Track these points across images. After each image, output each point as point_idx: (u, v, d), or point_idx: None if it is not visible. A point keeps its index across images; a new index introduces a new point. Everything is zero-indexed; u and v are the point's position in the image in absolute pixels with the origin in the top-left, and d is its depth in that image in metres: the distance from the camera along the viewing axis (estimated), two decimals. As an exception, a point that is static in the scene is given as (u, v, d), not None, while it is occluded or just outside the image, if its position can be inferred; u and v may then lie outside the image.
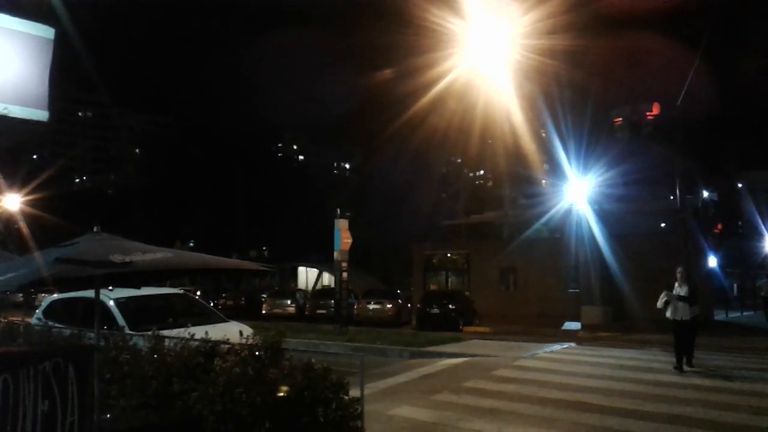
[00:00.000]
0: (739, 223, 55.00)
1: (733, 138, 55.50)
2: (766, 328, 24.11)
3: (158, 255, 5.20)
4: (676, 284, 11.93)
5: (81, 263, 4.86)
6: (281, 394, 5.54)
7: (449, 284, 33.87)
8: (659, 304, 11.95)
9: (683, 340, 11.76)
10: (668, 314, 11.94)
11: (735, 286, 37.90)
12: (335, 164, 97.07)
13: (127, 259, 4.98)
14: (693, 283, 12.08)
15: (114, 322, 9.68)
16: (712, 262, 28.73)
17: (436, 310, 24.09)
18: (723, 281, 32.32)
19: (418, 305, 25.35)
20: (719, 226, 42.06)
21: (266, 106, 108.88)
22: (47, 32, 4.15)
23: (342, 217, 22.19)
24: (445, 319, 23.38)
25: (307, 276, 42.31)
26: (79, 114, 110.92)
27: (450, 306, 24.31)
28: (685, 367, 11.59)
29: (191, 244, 53.04)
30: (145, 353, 6.81)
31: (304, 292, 34.73)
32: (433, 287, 33.18)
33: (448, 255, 35.22)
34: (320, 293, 31.90)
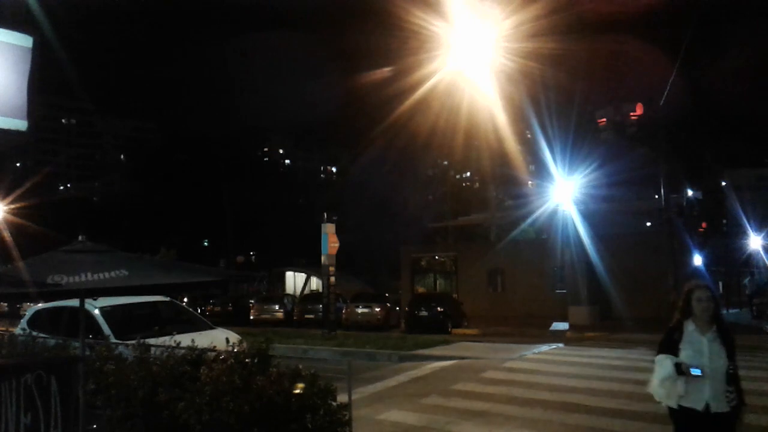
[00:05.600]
0: (724, 221, 55.52)
1: (717, 137, 56.03)
2: (752, 326, 24.32)
3: (111, 274, 5.15)
4: (690, 324, 4.85)
5: (14, 283, 4.89)
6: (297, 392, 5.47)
7: (437, 287, 33.87)
8: (656, 388, 4.91)
9: None
10: (672, 400, 4.83)
11: (720, 284, 38.23)
12: (322, 168, 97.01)
13: (63, 280, 4.95)
14: (724, 322, 5.12)
15: (99, 331, 9.60)
16: (698, 260, 28.95)
17: (424, 313, 24.07)
18: (708, 279, 32.55)
19: (407, 308, 25.33)
20: (704, 225, 42.39)
21: (252, 110, 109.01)
22: (26, 41, 4.10)
23: (329, 221, 22.13)
24: (433, 321, 23.38)
25: (295, 281, 42.13)
26: (63, 121, 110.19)
27: (438, 309, 24.30)
28: None
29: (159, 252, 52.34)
30: (131, 362, 6.75)
31: (292, 297, 34.57)
32: (421, 290, 33.18)
33: (436, 257, 35.25)
34: (308, 298, 31.75)
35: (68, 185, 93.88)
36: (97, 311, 9.91)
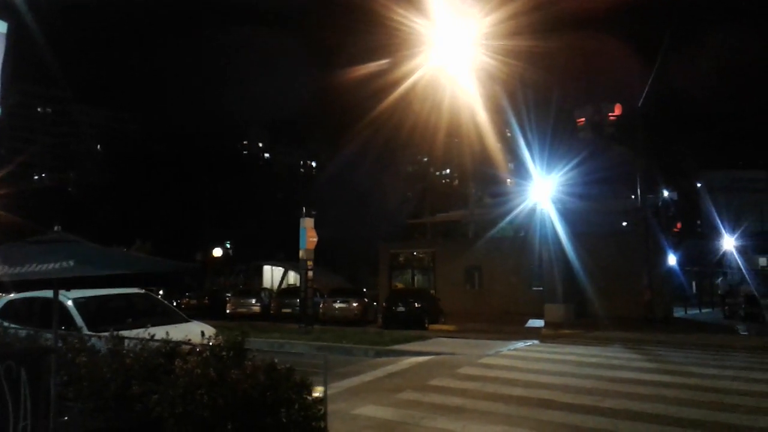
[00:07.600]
0: (698, 222, 56.35)
1: (693, 138, 56.82)
2: (724, 325, 24.71)
3: (56, 265, 5.10)
4: None
5: None
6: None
7: (415, 283, 33.93)
8: None
9: None
10: None
11: (694, 283, 38.80)
12: (301, 162, 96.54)
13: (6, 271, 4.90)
14: None
15: (72, 323, 9.47)
16: (672, 260, 29.34)
17: (401, 309, 24.10)
18: (682, 279, 33.04)
19: (384, 304, 25.33)
20: (678, 225, 43.03)
21: (232, 103, 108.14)
22: (0, 26, 4.03)
23: (308, 215, 22.06)
24: (410, 317, 23.42)
25: (272, 275, 41.99)
26: (38, 109, 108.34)
27: (416, 304, 24.34)
28: None
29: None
30: (104, 354, 6.68)
31: (270, 291, 34.46)
32: (399, 286, 33.21)
33: (414, 253, 35.31)
34: (286, 292, 31.66)
35: (43, 175, 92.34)
36: (70, 302, 9.77)
